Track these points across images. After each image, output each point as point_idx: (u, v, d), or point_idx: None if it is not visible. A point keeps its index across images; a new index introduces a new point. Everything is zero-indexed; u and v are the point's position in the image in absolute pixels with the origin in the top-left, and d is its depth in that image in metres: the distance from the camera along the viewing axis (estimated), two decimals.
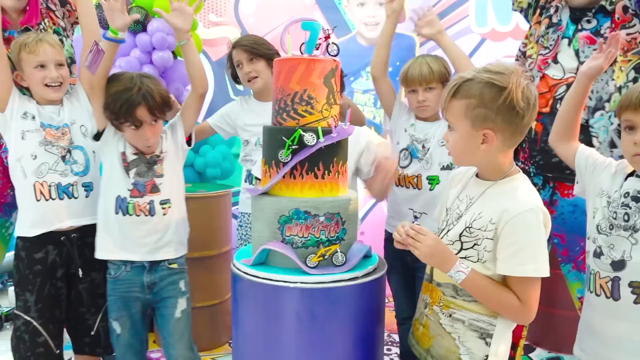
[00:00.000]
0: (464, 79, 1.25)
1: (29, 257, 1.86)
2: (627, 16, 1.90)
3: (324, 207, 1.37)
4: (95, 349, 2.03)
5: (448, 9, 3.46)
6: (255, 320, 1.39)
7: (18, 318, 1.88)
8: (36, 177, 1.82)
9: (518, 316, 1.25)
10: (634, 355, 1.28)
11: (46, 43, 1.83)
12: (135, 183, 1.79)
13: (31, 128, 1.84)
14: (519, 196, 1.23)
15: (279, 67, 1.42)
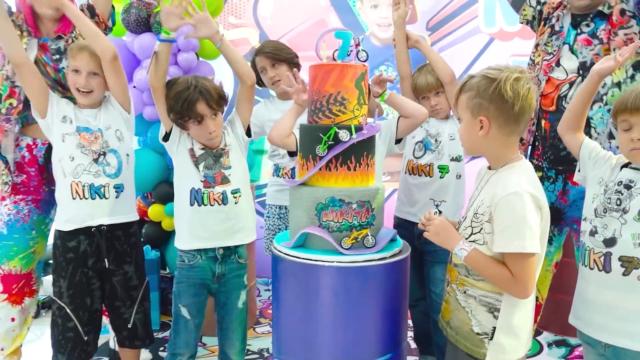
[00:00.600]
0: (469, 77, 1.44)
1: (64, 245, 2.00)
2: (625, 18, 2.07)
3: (356, 195, 1.55)
4: (134, 342, 2.15)
5: (458, 10, 3.60)
6: (295, 296, 1.57)
7: (54, 303, 2.03)
8: (73, 177, 1.96)
9: (512, 289, 1.37)
10: (622, 320, 1.45)
11: (87, 52, 1.96)
12: (206, 175, 1.89)
13: (69, 131, 1.97)
14: (508, 181, 1.38)
15: (314, 72, 1.60)
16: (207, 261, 1.93)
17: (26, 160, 2.21)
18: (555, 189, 2.24)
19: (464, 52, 3.57)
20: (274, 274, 1.65)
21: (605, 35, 2.10)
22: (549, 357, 2.72)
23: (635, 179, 1.47)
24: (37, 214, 2.27)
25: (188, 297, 1.94)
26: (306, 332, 1.56)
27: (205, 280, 1.95)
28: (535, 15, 2.34)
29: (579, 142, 1.66)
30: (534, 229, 1.33)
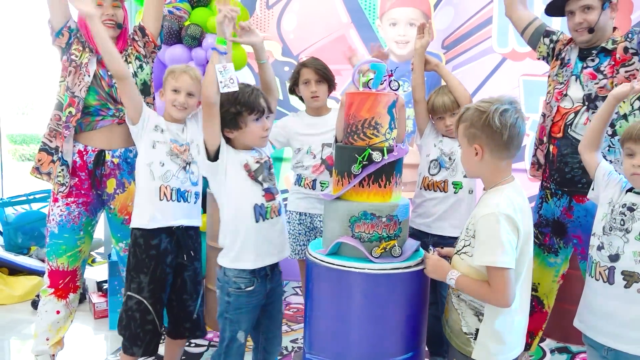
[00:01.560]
0: (466, 109, 1.65)
1: (146, 243, 2.15)
2: (627, 55, 2.25)
3: (386, 210, 1.74)
4: (195, 331, 2.31)
5: (473, 30, 3.77)
6: (328, 298, 1.76)
7: (131, 299, 2.15)
8: (162, 180, 2.14)
9: (491, 299, 1.55)
10: (622, 327, 1.63)
11: (187, 75, 2.16)
12: (268, 188, 1.94)
13: (161, 140, 2.17)
14: (489, 202, 1.57)
15: (351, 98, 1.79)
16: (261, 282, 1.94)
17: (77, 165, 2.40)
18: (560, 205, 2.42)
19: (478, 71, 3.75)
20: (309, 277, 1.83)
21: (609, 70, 2.28)
22: None
23: (637, 203, 1.65)
24: (85, 216, 2.46)
25: (247, 322, 1.95)
26: (337, 331, 1.74)
27: (261, 302, 1.99)
28: (549, 51, 2.53)
29: (596, 162, 1.85)
30: (505, 247, 1.50)
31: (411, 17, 3.87)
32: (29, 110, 25.34)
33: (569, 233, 2.46)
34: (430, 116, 2.46)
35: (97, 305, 3.32)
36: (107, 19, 2.35)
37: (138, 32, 2.47)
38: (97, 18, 2.10)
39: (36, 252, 4.10)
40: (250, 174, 1.92)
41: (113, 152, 2.44)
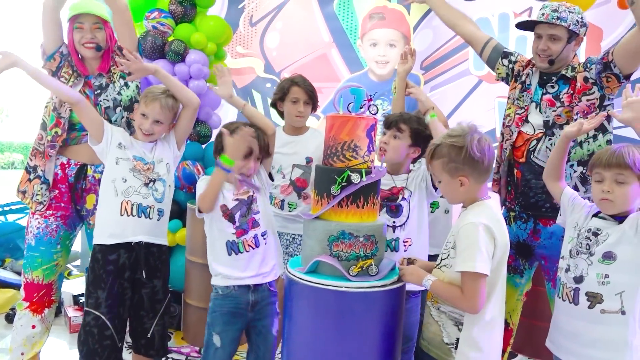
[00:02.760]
0: (435, 145, 1.74)
1: (104, 258, 2.16)
2: (587, 85, 2.36)
3: (363, 230, 1.79)
4: (149, 350, 2.30)
5: (450, 52, 3.89)
6: (306, 315, 1.80)
7: (88, 314, 2.16)
8: (124, 196, 2.17)
9: (462, 304, 1.63)
10: (586, 346, 1.71)
11: (158, 103, 2.20)
12: (240, 225, 2.06)
13: (123, 157, 2.21)
14: (469, 215, 1.68)
15: (332, 121, 1.85)
16: (240, 291, 2.06)
17: (58, 178, 2.42)
18: (527, 228, 2.51)
19: (455, 92, 3.86)
20: (288, 295, 1.87)
21: (567, 99, 2.38)
22: None
23: (601, 227, 1.73)
24: (63, 229, 2.47)
25: (220, 325, 2.05)
26: (314, 348, 1.78)
27: (239, 309, 2.06)
28: (509, 72, 2.62)
29: (560, 190, 1.94)
30: (484, 254, 1.60)
31: (391, 38, 3.97)
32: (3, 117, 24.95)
33: (536, 255, 2.55)
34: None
35: (73, 319, 3.29)
36: (87, 42, 2.40)
37: (117, 51, 2.51)
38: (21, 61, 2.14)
39: (11, 264, 4.05)
40: (225, 214, 2.07)
41: (95, 167, 2.47)
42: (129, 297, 2.24)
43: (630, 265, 1.67)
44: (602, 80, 2.34)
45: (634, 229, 1.66)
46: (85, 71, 2.44)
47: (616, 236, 1.69)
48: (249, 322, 2.11)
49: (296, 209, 2.57)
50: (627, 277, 1.67)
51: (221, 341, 2.04)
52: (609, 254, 1.68)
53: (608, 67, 2.30)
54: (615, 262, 1.67)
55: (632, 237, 1.66)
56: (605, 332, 1.68)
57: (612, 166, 1.69)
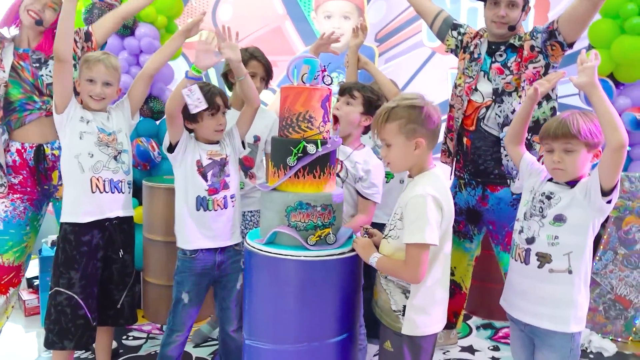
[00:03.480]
0: (390, 108, 1.73)
1: (77, 240, 2.12)
2: (534, 53, 2.43)
3: (320, 199, 1.81)
4: (118, 320, 2.31)
5: (403, 24, 3.93)
6: (266, 285, 1.81)
7: (60, 294, 2.13)
8: (93, 172, 2.10)
9: (404, 274, 1.68)
10: (535, 304, 1.79)
11: (102, 64, 2.12)
12: (212, 183, 2.11)
13: (88, 130, 2.12)
14: (417, 186, 1.70)
15: (286, 92, 1.84)
16: (207, 253, 2.14)
17: (18, 164, 2.35)
18: (475, 194, 2.59)
19: (409, 64, 3.91)
20: (248, 266, 1.89)
21: (515, 66, 2.45)
22: (477, 338, 3.09)
23: (554, 191, 1.80)
24: (31, 210, 2.43)
25: (188, 285, 2.16)
26: (275, 316, 1.81)
27: (206, 269, 2.16)
28: (458, 44, 2.67)
29: (520, 155, 1.99)
30: (433, 225, 1.64)
31: (345, 10, 3.97)
32: None
33: (484, 220, 2.64)
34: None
35: (27, 302, 3.22)
36: (31, 9, 2.32)
37: (81, 35, 2.43)
38: None
39: None
40: (199, 170, 2.11)
41: (51, 145, 2.41)
42: (100, 274, 2.22)
43: (579, 227, 1.75)
44: (547, 48, 2.41)
45: (584, 193, 1.73)
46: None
47: (567, 200, 1.76)
48: (215, 279, 2.22)
49: (243, 189, 2.53)
50: (575, 238, 1.75)
51: (189, 298, 2.16)
52: (560, 217, 1.76)
53: (553, 35, 2.38)
54: (565, 224, 1.75)
55: (581, 200, 1.73)
56: (552, 290, 1.76)
57: (559, 137, 1.75)
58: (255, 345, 1.84)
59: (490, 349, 2.94)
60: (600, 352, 2.88)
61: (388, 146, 1.74)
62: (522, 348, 1.93)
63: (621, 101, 3.09)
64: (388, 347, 1.78)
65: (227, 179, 2.16)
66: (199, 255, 2.14)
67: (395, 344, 1.76)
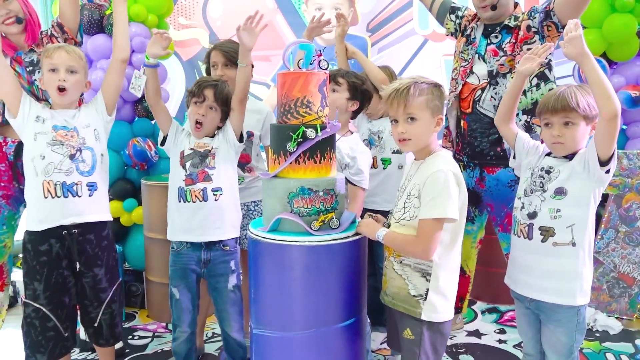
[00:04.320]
0: (414, 82, 1.70)
1: (35, 249, 1.99)
2: (530, 34, 2.43)
3: (322, 184, 1.81)
4: (98, 339, 2.20)
5: (394, 13, 3.92)
6: (271, 273, 1.81)
7: (27, 306, 2.02)
8: (44, 176, 1.96)
9: (412, 249, 1.67)
10: (539, 278, 1.79)
11: (64, 50, 2.00)
12: (190, 173, 2.10)
13: (41, 130, 1.99)
14: (434, 164, 1.69)
15: (283, 78, 1.83)
16: (192, 248, 2.16)
17: None
18: (474, 176, 2.60)
19: (401, 52, 3.90)
20: (252, 255, 1.88)
21: (509, 48, 2.45)
22: (483, 322, 3.09)
23: (554, 165, 1.80)
24: (7, 209, 2.38)
25: (176, 279, 2.19)
26: (282, 304, 1.80)
27: (191, 265, 2.17)
28: (457, 27, 2.68)
29: (513, 134, 1.98)
30: (455, 199, 1.63)
31: (336, 2, 3.96)
32: None
33: (483, 201, 2.65)
34: None
35: None
36: (5, 18, 2.27)
37: (57, 29, 2.39)
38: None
39: None
40: (180, 160, 2.14)
41: None
42: (73, 284, 2.10)
43: (580, 199, 1.75)
44: (544, 29, 2.41)
45: (582, 164, 1.74)
46: (12, 49, 2.32)
47: (567, 172, 1.76)
48: (204, 276, 2.22)
49: (244, 182, 2.50)
50: (577, 210, 1.75)
51: (179, 292, 2.18)
52: (561, 190, 1.76)
53: (549, 15, 2.37)
54: (566, 197, 1.75)
55: (581, 172, 1.74)
56: (557, 264, 1.77)
57: (558, 111, 1.75)
58: (263, 333, 1.84)
59: (497, 332, 2.94)
60: (606, 330, 2.89)
61: (412, 120, 1.69)
62: (529, 326, 1.93)
63: (615, 80, 3.09)
64: (408, 335, 1.74)
65: (210, 172, 2.12)
66: (183, 250, 2.16)
67: (415, 331, 1.72)
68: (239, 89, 2.16)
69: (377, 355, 2.67)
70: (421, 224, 1.65)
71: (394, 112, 1.72)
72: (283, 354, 1.81)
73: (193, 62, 4.04)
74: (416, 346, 1.72)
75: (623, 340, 2.80)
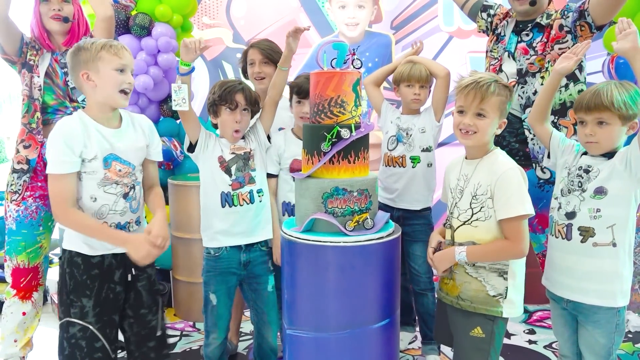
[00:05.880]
0: (496, 79, 1.72)
1: (86, 261, 1.78)
2: (562, 33, 2.38)
3: (357, 184, 1.80)
4: (161, 351, 1.96)
5: (419, 10, 3.89)
6: (306, 273, 1.80)
7: (73, 325, 1.79)
8: (97, 217, 1.76)
9: (511, 252, 1.68)
10: (579, 280, 1.76)
11: (127, 51, 1.80)
12: (236, 177, 2.08)
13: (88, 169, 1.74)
14: (501, 162, 1.71)
15: (316, 78, 1.82)
16: (231, 251, 2.11)
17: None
18: None
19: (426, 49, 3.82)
20: (285, 256, 1.87)
21: (540, 47, 2.40)
22: (512, 322, 3.05)
23: (592, 164, 1.77)
24: (44, 210, 2.40)
25: (214, 284, 2.12)
26: (316, 304, 1.79)
27: (231, 269, 2.13)
28: (488, 25, 2.65)
29: (548, 133, 1.95)
30: (528, 195, 1.66)
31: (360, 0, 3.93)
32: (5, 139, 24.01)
33: None
34: (395, 85, 2.49)
35: None
36: (54, 15, 2.33)
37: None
38: None
39: None
40: (222, 165, 2.09)
41: None
42: (123, 300, 1.87)
43: (620, 198, 1.71)
44: (577, 28, 2.37)
45: (624, 163, 1.70)
46: (50, 46, 2.36)
47: (607, 172, 1.73)
48: (243, 279, 2.18)
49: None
50: (617, 210, 1.72)
51: (217, 299, 2.13)
52: (601, 189, 1.72)
53: (582, 15, 2.33)
54: (606, 197, 1.72)
55: (622, 171, 1.70)
56: (597, 265, 1.73)
57: (591, 109, 1.72)
58: (297, 334, 1.83)
59: (526, 332, 2.91)
60: (639, 331, 2.84)
61: (481, 116, 1.70)
62: (565, 326, 1.90)
63: None
64: (479, 333, 1.74)
65: (253, 174, 2.13)
66: (222, 254, 2.11)
67: (486, 329, 1.74)
68: (276, 91, 2.17)
69: (406, 355, 2.65)
70: (509, 223, 1.66)
71: (467, 103, 1.71)
72: (317, 354, 1.81)
73: (217, 62, 4.05)
74: (487, 344, 1.74)
75: None
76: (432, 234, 1.92)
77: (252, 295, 2.20)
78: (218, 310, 2.14)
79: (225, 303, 2.15)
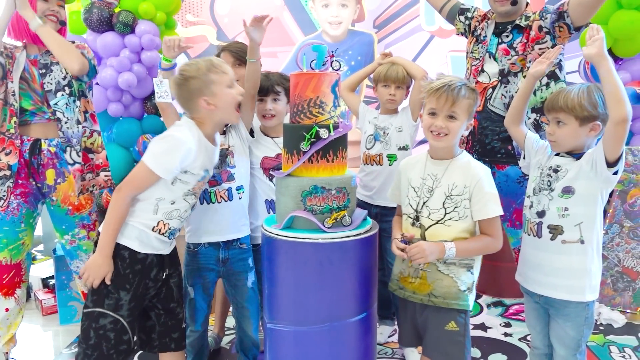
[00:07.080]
0: (465, 83, 1.79)
1: (132, 256, 1.85)
2: (541, 34, 2.45)
3: (335, 183, 1.85)
4: (182, 342, 2.05)
5: (401, 10, 3.94)
6: (285, 269, 1.85)
7: (104, 317, 1.83)
8: (164, 217, 1.86)
9: (492, 248, 1.80)
10: (549, 275, 1.83)
11: (226, 64, 1.91)
12: (213, 175, 2.04)
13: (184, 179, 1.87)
14: (474, 166, 1.80)
15: (296, 79, 1.87)
16: (210, 248, 2.15)
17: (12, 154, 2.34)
18: None
19: (408, 48, 3.92)
20: (265, 252, 1.92)
21: (521, 48, 2.47)
22: (489, 315, 3.13)
23: (561, 164, 1.84)
24: (25, 207, 2.41)
25: (192, 278, 2.18)
26: (295, 299, 1.85)
27: (209, 265, 2.17)
28: (466, 28, 2.71)
29: (523, 135, 2.03)
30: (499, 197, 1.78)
31: None
32: None
33: None
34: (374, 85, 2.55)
35: (44, 301, 3.26)
36: (50, 14, 2.37)
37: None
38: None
39: None
40: None
41: (50, 141, 2.41)
42: (150, 296, 1.96)
43: (587, 198, 1.78)
44: (555, 29, 2.43)
45: (590, 164, 1.76)
46: (35, 40, 2.36)
47: (574, 172, 1.79)
48: (222, 275, 2.22)
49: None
50: (585, 209, 1.79)
51: (194, 292, 2.18)
52: (568, 189, 1.79)
53: (562, 16, 2.39)
54: (573, 196, 1.79)
55: (588, 172, 1.77)
56: (566, 261, 1.80)
57: (549, 109, 1.83)
58: (277, 328, 1.88)
59: (502, 325, 2.99)
60: (610, 323, 2.93)
61: (452, 118, 1.77)
62: (537, 319, 1.97)
63: (621, 76, 3.08)
64: (453, 327, 1.82)
65: (232, 170, 2.14)
66: (201, 250, 2.15)
67: (460, 322, 1.82)
68: (250, 84, 2.17)
69: (385, 348, 2.72)
70: (490, 222, 1.78)
71: (439, 106, 1.76)
72: (297, 347, 1.87)
73: None
74: (461, 336, 1.82)
75: (627, 333, 2.85)
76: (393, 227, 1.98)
77: (232, 290, 2.26)
78: (195, 303, 2.18)
79: (202, 297, 2.19)
